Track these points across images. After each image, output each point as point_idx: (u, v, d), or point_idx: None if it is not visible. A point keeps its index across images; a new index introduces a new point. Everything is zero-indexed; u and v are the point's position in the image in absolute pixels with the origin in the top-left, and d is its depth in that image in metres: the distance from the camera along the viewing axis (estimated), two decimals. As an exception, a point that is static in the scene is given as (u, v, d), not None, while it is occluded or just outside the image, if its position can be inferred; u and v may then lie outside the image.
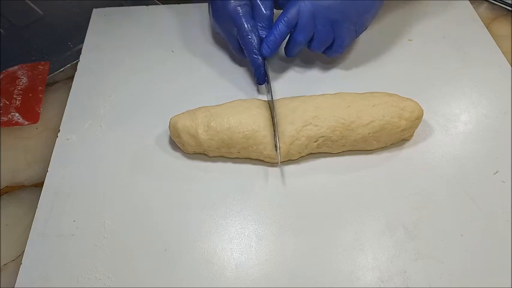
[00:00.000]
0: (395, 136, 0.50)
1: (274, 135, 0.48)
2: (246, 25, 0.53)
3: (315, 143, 0.49)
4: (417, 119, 0.50)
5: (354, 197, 0.48)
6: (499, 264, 0.43)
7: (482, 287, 0.42)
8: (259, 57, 0.54)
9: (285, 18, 0.52)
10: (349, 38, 0.55)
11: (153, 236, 0.45)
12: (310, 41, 0.54)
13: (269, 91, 0.54)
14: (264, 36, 0.54)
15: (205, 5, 0.70)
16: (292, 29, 0.53)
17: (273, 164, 0.50)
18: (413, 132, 0.52)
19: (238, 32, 0.54)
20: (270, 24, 0.55)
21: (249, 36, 0.53)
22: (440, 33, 0.65)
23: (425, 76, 0.59)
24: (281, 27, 0.52)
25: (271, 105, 0.51)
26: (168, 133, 0.51)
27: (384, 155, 0.51)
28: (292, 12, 0.52)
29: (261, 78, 0.55)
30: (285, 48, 0.57)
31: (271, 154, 0.48)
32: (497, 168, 0.50)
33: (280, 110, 0.49)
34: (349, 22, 0.53)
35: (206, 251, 0.44)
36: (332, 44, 0.55)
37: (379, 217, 0.46)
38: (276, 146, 0.48)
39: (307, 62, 0.61)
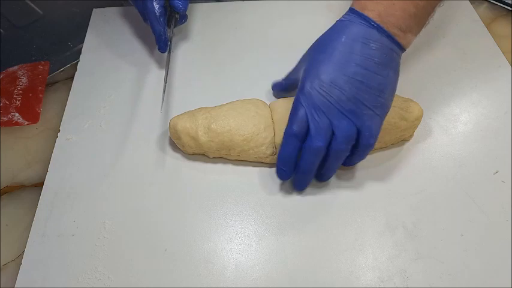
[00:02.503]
0: (395, 136, 0.50)
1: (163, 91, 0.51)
2: None
3: None
4: (417, 120, 0.50)
5: (354, 197, 0.48)
6: (499, 264, 0.43)
7: (482, 287, 0.42)
8: (161, 26, 0.55)
9: (293, 130, 0.43)
10: (377, 124, 0.43)
11: (153, 236, 0.45)
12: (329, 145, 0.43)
13: (168, 62, 0.55)
14: (175, 4, 0.55)
15: (206, 5, 0.70)
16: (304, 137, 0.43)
17: (272, 165, 0.50)
18: (413, 132, 0.52)
19: None
20: None
21: (152, 4, 0.54)
22: (441, 33, 0.65)
23: (425, 76, 0.59)
24: (291, 142, 0.43)
25: (165, 76, 0.54)
26: (168, 134, 0.51)
27: (384, 155, 0.51)
28: (299, 117, 0.42)
29: (162, 47, 0.56)
30: (301, 165, 0.45)
31: (272, 156, 0.48)
32: (497, 168, 0.50)
33: (280, 110, 0.49)
34: (368, 107, 0.42)
35: (206, 251, 0.44)
36: (360, 136, 0.43)
37: (379, 217, 0.46)
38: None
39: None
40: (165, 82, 0.53)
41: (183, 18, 0.61)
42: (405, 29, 0.43)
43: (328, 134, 0.42)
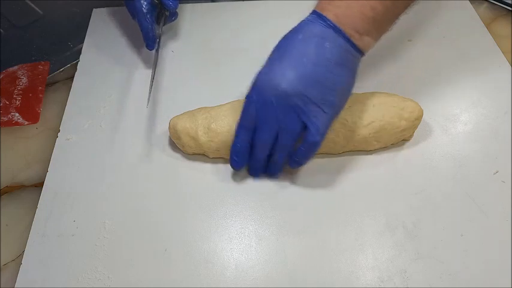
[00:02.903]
0: (396, 136, 0.50)
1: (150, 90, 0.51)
2: None
3: None
4: (417, 119, 0.50)
5: (354, 197, 0.48)
6: (499, 264, 0.43)
7: (482, 287, 0.42)
8: (148, 23, 0.55)
9: (244, 125, 0.45)
10: (326, 119, 0.43)
11: (153, 236, 0.45)
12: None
13: (156, 60, 0.56)
14: (165, 1, 0.55)
15: (206, 5, 0.70)
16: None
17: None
18: (413, 132, 0.52)
19: None
20: None
21: (139, 1, 0.54)
22: (440, 33, 0.65)
23: (425, 76, 0.59)
24: (241, 137, 0.46)
25: (152, 74, 0.54)
26: (168, 133, 0.51)
27: (384, 155, 0.51)
28: (249, 114, 0.44)
29: (149, 44, 0.56)
30: (253, 156, 0.47)
31: None
32: (497, 168, 0.50)
33: None
34: (316, 104, 0.42)
35: (206, 251, 0.44)
36: (306, 133, 0.43)
37: (379, 217, 0.46)
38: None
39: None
40: (152, 79, 0.53)
41: (173, 15, 0.61)
42: (362, 32, 0.43)
43: (274, 127, 0.43)
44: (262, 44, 0.64)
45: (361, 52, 0.45)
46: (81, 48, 0.65)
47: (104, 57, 0.63)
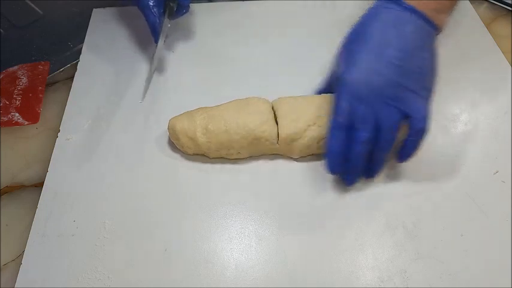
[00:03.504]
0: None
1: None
2: None
3: (318, 144, 0.49)
4: None
5: (354, 197, 0.48)
6: (499, 264, 0.43)
7: (482, 287, 0.42)
8: (155, 16, 0.55)
9: (337, 123, 0.43)
10: (426, 104, 0.43)
11: (153, 236, 0.45)
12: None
13: (158, 52, 0.57)
14: None
15: (206, 5, 0.70)
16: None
17: (274, 156, 0.50)
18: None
19: None
20: None
21: None
22: (440, 33, 0.64)
23: (425, 76, 0.59)
24: (337, 137, 0.43)
25: (153, 64, 0.56)
26: (168, 134, 0.51)
27: (384, 155, 0.51)
28: (343, 111, 0.42)
29: (155, 37, 0.56)
30: (352, 157, 0.44)
31: (274, 145, 0.48)
32: (497, 168, 0.50)
33: (284, 107, 0.49)
34: (413, 90, 0.42)
35: (206, 251, 0.44)
36: (411, 121, 0.42)
37: (379, 217, 0.46)
38: None
39: (306, 63, 0.61)
40: (152, 72, 0.54)
41: (184, 9, 0.60)
42: (439, 9, 0.43)
43: (373, 123, 0.42)
44: (262, 44, 0.64)
45: (438, 30, 0.44)
46: (81, 48, 0.65)
47: (104, 57, 0.63)
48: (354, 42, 0.44)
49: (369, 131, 0.42)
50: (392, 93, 0.41)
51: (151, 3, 0.54)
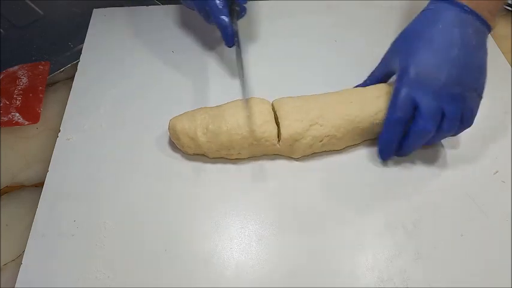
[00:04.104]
0: None
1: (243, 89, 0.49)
2: None
3: (320, 143, 0.49)
4: None
5: (354, 197, 0.48)
6: (499, 264, 0.43)
7: (482, 287, 0.42)
8: (225, 18, 0.53)
9: (396, 116, 0.45)
10: (477, 105, 0.47)
11: (153, 236, 0.45)
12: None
13: (239, 55, 0.54)
14: None
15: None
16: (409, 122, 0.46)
17: (272, 161, 0.50)
18: None
19: None
20: None
21: None
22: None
23: (425, 76, 0.59)
24: (395, 129, 0.45)
25: (239, 68, 0.52)
26: (168, 134, 0.51)
27: (384, 155, 0.51)
28: (405, 102, 0.44)
29: (229, 40, 0.54)
30: (407, 148, 0.47)
31: (274, 145, 0.48)
32: (497, 168, 0.50)
33: (285, 107, 0.49)
34: (471, 88, 0.45)
35: (206, 251, 0.44)
36: (461, 119, 0.46)
37: (379, 217, 0.46)
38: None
39: (305, 64, 0.61)
40: (242, 77, 0.51)
41: (243, 10, 0.59)
42: (491, 10, 0.46)
43: (438, 117, 0.44)
44: (262, 44, 0.64)
45: (490, 30, 0.48)
46: (81, 48, 0.65)
47: (104, 57, 0.63)
48: (414, 41, 0.46)
49: (434, 125, 0.44)
50: (457, 90, 0.44)
51: (220, 6, 0.53)
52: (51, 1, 0.73)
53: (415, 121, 0.44)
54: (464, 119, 0.46)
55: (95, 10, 0.70)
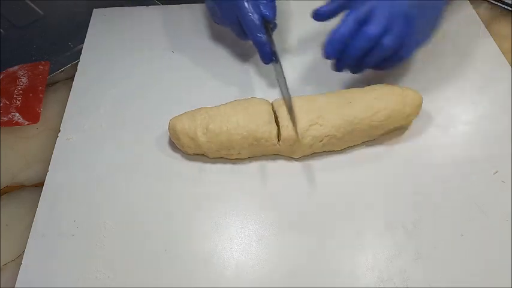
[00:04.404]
0: (400, 123, 0.51)
1: (290, 115, 0.48)
2: (246, 4, 0.52)
3: (320, 143, 0.49)
4: (419, 106, 0.51)
5: (354, 197, 0.48)
6: (499, 264, 0.43)
7: (482, 287, 0.42)
8: (263, 35, 0.53)
9: (354, 14, 0.47)
10: (421, 41, 0.51)
11: (153, 236, 0.45)
12: (380, 37, 0.47)
13: (280, 71, 0.53)
14: (268, 14, 0.53)
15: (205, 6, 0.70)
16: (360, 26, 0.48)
17: (272, 161, 0.50)
18: (413, 119, 0.52)
19: (239, 11, 0.52)
20: (272, 0, 0.54)
21: (250, 15, 0.52)
22: (440, 33, 0.64)
23: (425, 76, 0.59)
24: (349, 23, 0.47)
25: (281, 82, 0.51)
26: (168, 134, 0.51)
27: (384, 155, 0.51)
28: (363, 7, 0.47)
29: (266, 57, 0.54)
30: (350, 49, 0.49)
31: (274, 145, 0.49)
32: (497, 168, 0.50)
33: (285, 108, 0.49)
34: (424, 20, 0.49)
35: (206, 251, 0.44)
36: (401, 46, 0.48)
37: (379, 217, 0.46)
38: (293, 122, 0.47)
39: (305, 64, 0.61)
40: (287, 91, 0.50)
41: (274, 26, 0.59)
42: None
43: (385, 25, 0.46)
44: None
45: None
46: (81, 48, 0.65)
47: (104, 57, 0.63)
48: None
49: (380, 31, 0.46)
50: (412, 16, 0.47)
51: (259, 26, 0.52)
52: (51, 1, 0.73)
53: (366, 24, 0.47)
54: (404, 48, 0.49)
55: (95, 10, 0.70)
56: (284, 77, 0.51)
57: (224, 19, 0.57)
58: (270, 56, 0.54)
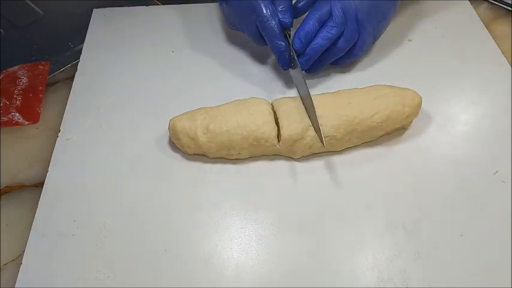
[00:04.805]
0: (401, 123, 0.51)
1: (313, 121, 0.48)
2: (265, 10, 0.52)
3: (319, 143, 0.49)
4: (418, 106, 0.51)
5: (354, 197, 0.48)
6: (499, 264, 0.43)
7: (482, 287, 0.42)
8: (282, 43, 0.53)
9: (317, 14, 0.52)
10: (369, 42, 0.57)
11: (153, 236, 0.45)
12: (336, 39, 0.54)
13: (299, 76, 0.53)
14: (286, 21, 0.53)
15: (206, 5, 0.70)
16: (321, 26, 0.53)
17: (272, 161, 0.50)
18: (412, 119, 0.52)
19: (258, 18, 0.52)
20: (290, 7, 0.54)
21: (269, 22, 0.52)
22: (440, 33, 0.65)
23: (425, 76, 0.59)
24: (313, 22, 0.52)
25: (301, 88, 0.53)
26: (168, 134, 0.51)
27: (384, 155, 0.51)
28: (324, 9, 0.52)
29: (285, 64, 0.54)
30: (309, 49, 0.53)
31: (274, 146, 0.49)
32: (497, 168, 0.50)
33: (284, 108, 0.49)
34: (371, 25, 0.55)
35: (206, 251, 0.44)
36: (353, 46, 0.55)
37: (379, 217, 0.46)
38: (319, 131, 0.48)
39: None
40: (309, 96, 0.49)
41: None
42: None
43: (341, 30, 0.53)
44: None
45: None
46: (81, 48, 0.65)
47: (104, 57, 0.63)
48: None
49: (337, 33, 0.52)
50: (362, 19, 0.54)
51: (278, 33, 0.52)
52: (51, 1, 0.73)
53: (325, 24, 0.52)
54: (356, 47, 0.56)
55: (95, 10, 0.70)
56: (305, 83, 0.51)
57: (241, 25, 0.57)
58: (288, 63, 0.54)
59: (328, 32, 0.52)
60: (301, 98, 0.52)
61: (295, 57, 0.53)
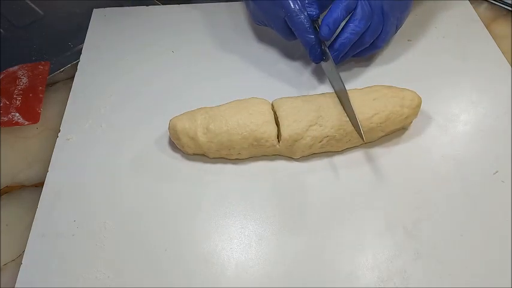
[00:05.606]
0: (400, 124, 0.51)
1: (351, 117, 0.48)
2: (293, 5, 0.52)
3: (320, 143, 0.49)
4: (417, 107, 0.51)
5: (354, 197, 0.48)
6: (499, 264, 0.43)
7: (482, 287, 0.42)
8: (313, 36, 0.53)
9: (344, 3, 0.52)
10: (391, 33, 0.57)
11: (153, 236, 0.45)
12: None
13: (332, 68, 0.53)
14: (313, 14, 0.53)
15: (206, 5, 0.70)
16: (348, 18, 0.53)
17: (272, 161, 0.50)
18: (412, 120, 0.52)
19: (287, 13, 0.52)
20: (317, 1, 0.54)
21: (299, 17, 0.52)
22: (440, 33, 0.65)
23: (425, 76, 0.59)
24: (341, 11, 0.52)
25: (334, 80, 0.53)
26: (168, 134, 0.51)
27: (384, 155, 0.51)
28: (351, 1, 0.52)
29: (317, 58, 0.54)
30: (334, 42, 0.53)
31: (274, 146, 0.48)
32: (497, 168, 0.50)
33: (284, 108, 0.49)
34: (395, 16, 0.55)
35: (206, 251, 0.44)
36: (376, 38, 0.55)
37: (379, 217, 0.46)
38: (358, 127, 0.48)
39: (305, 63, 0.61)
40: (344, 89, 0.50)
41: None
42: None
43: (368, 23, 0.53)
44: (262, 44, 0.64)
45: None
46: (81, 48, 0.65)
47: (104, 57, 0.63)
48: None
49: (364, 25, 0.52)
50: (385, 8, 0.53)
51: (308, 28, 0.52)
52: (51, 1, 0.73)
53: (353, 16, 0.52)
54: (379, 39, 0.55)
55: (95, 10, 0.70)
56: (338, 74, 0.51)
57: (269, 21, 0.57)
58: (320, 56, 0.54)
59: (356, 26, 0.52)
60: (335, 92, 0.52)
61: (327, 50, 0.53)
